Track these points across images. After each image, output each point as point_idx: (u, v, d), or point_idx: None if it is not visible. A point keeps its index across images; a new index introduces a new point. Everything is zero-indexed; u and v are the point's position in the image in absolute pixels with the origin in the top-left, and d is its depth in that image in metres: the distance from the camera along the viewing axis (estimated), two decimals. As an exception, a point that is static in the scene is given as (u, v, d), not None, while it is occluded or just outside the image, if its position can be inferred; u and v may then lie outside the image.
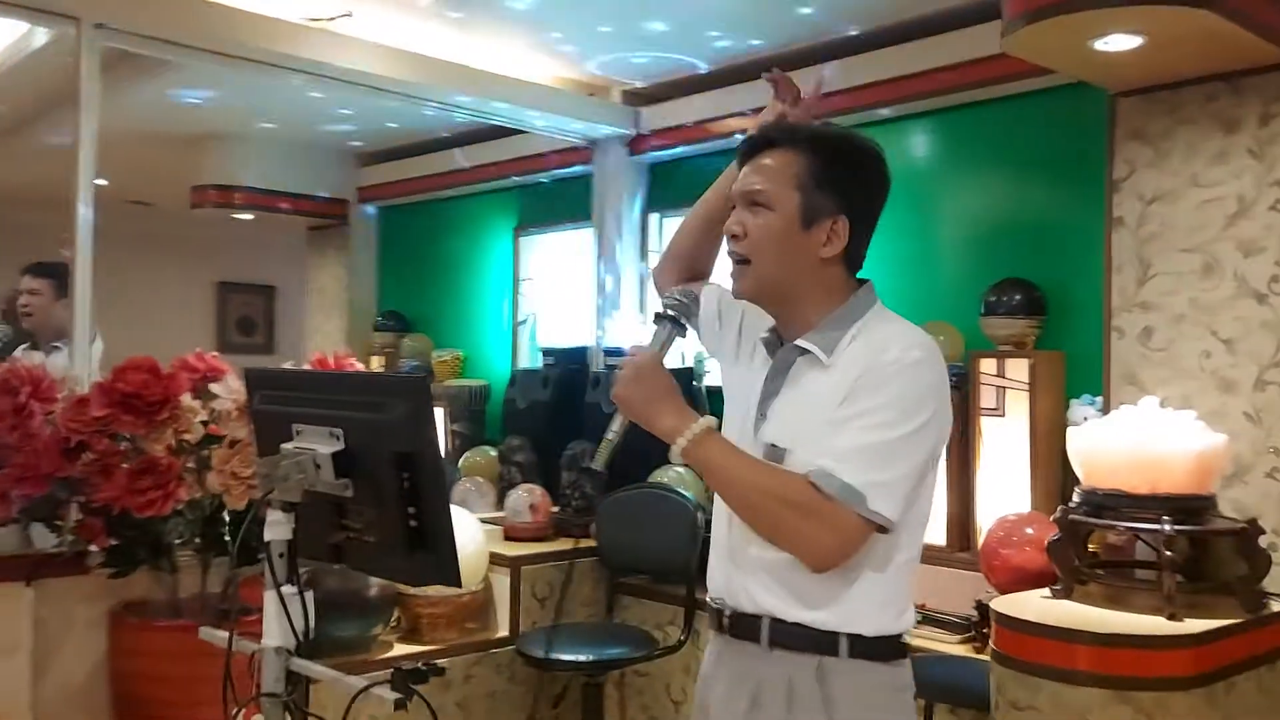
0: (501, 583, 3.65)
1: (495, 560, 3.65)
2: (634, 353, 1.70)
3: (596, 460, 1.70)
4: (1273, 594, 2.61)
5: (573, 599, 3.79)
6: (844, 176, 1.66)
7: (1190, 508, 2.55)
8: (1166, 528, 2.47)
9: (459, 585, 1.96)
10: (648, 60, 4.09)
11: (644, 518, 3.70)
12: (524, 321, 5.09)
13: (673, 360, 4.29)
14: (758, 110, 3.93)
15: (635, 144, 4.43)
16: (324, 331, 6.01)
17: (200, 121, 5.18)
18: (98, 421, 2.68)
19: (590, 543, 3.87)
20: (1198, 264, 2.85)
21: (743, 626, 1.67)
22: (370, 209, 5.91)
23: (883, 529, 1.57)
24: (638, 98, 4.42)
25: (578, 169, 4.69)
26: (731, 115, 4.12)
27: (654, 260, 4.50)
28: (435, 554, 1.81)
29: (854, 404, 1.58)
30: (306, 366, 3.21)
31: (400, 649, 3.38)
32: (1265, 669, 2.53)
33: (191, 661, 2.68)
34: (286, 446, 1.82)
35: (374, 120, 5.08)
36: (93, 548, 2.88)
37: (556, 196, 4.93)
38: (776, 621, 1.64)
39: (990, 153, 3.53)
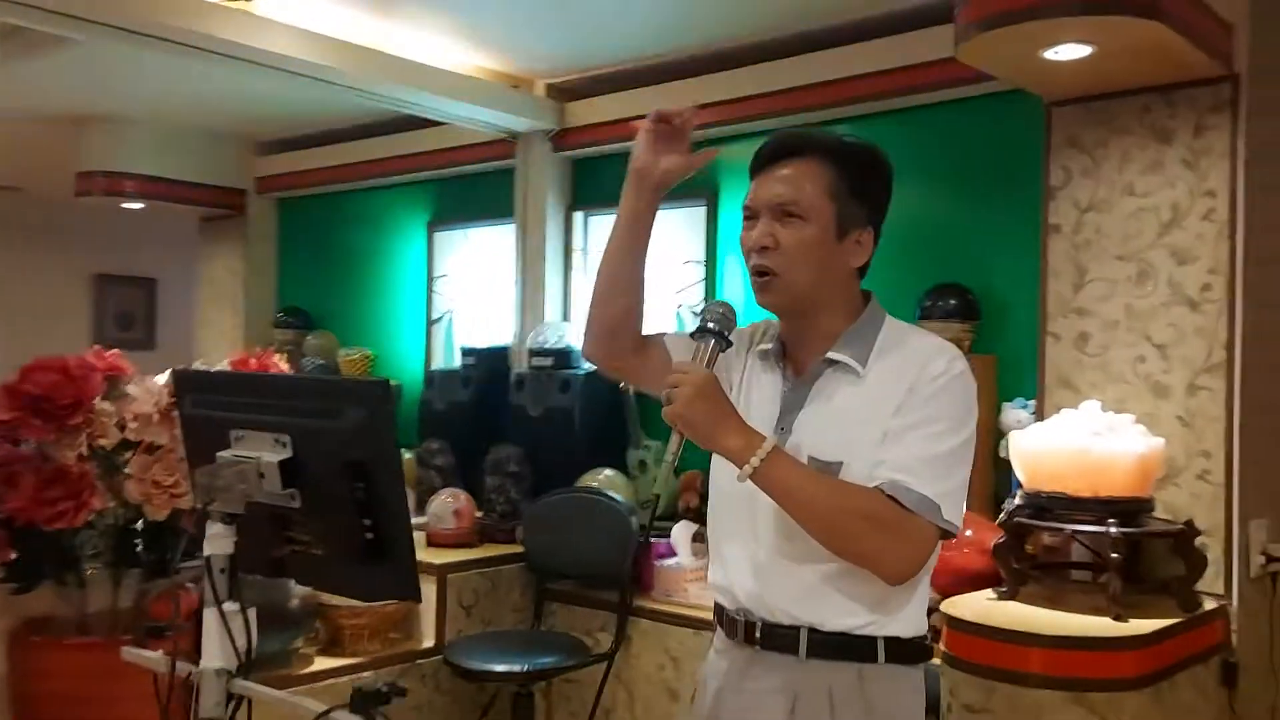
0: (427, 591, 3.51)
1: (421, 568, 3.51)
2: (680, 369, 1.61)
3: (657, 484, 1.64)
4: (1204, 593, 2.70)
5: (499, 606, 3.68)
6: (871, 187, 1.70)
7: (1130, 510, 2.61)
8: (1113, 530, 2.52)
9: (419, 599, 1.87)
10: (576, 53, 4.00)
11: (574, 522, 3.62)
12: (439, 320, 4.94)
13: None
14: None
15: (559, 139, 4.34)
16: (217, 327, 5.73)
17: (87, 103, 4.87)
18: (2, 427, 2.47)
19: (517, 548, 3.77)
20: (1132, 271, 2.91)
21: (776, 638, 1.66)
22: (269, 199, 5.66)
23: (948, 536, 1.60)
24: (562, 92, 4.32)
25: (497, 163, 4.57)
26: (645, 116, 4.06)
27: (579, 259, 4.43)
28: (393, 567, 1.74)
29: (908, 415, 1.59)
30: (225, 366, 3.02)
31: (322, 663, 3.23)
32: (1200, 667, 2.61)
33: (104, 682, 2.50)
34: (224, 454, 1.70)
35: (277, 107, 4.85)
36: (-10, 562, 2.66)
37: (474, 191, 4.80)
38: (815, 631, 1.64)
39: (924, 158, 3.55)
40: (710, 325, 1.66)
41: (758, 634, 1.68)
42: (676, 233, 4.08)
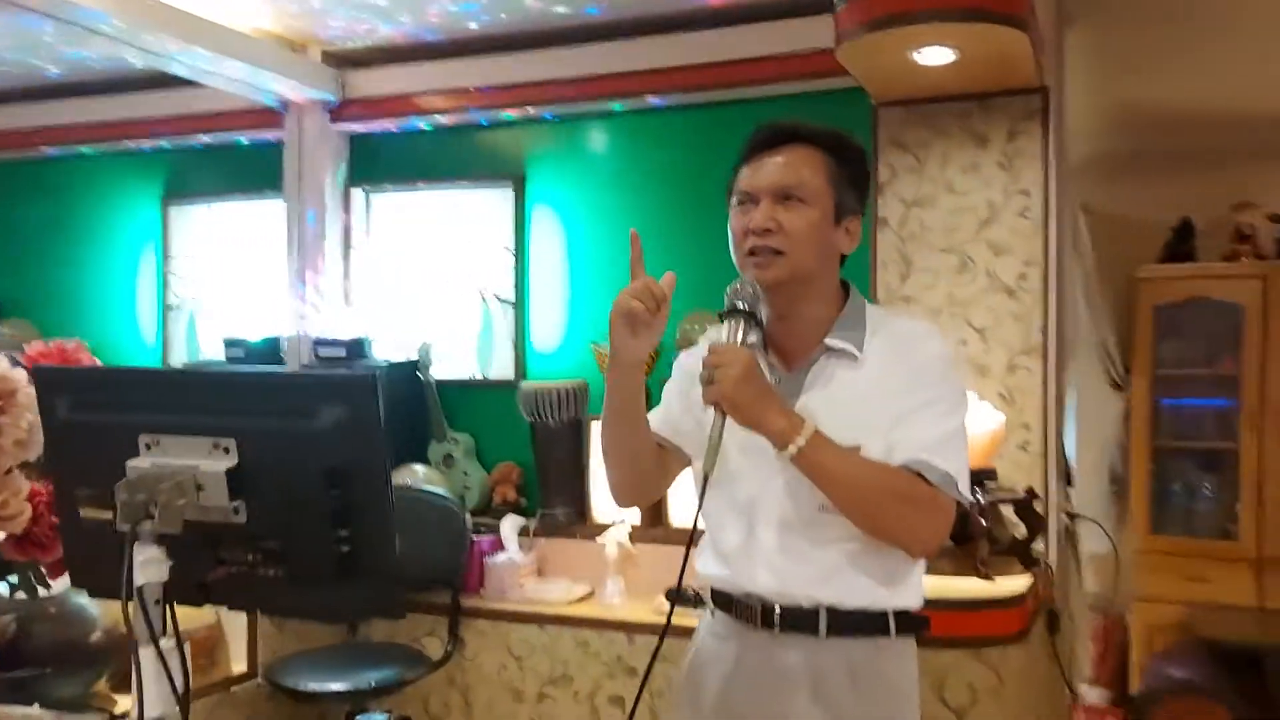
0: (233, 612, 3.12)
1: (229, 584, 3.11)
2: (719, 350, 1.58)
3: (705, 465, 1.56)
4: (1032, 551, 3.01)
5: (309, 620, 3.34)
6: (861, 178, 1.75)
7: (984, 480, 2.86)
8: (982, 499, 2.75)
9: (403, 615, 1.70)
10: (358, 19, 3.67)
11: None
12: (177, 307, 4.39)
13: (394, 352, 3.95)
14: (484, 89, 3.76)
15: (338, 112, 3.99)
16: None
17: None
18: None
19: (325, 555, 3.44)
20: (954, 262, 3.19)
21: (796, 620, 1.67)
22: (-64, 163, 4.76)
23: (962, 509, 1.68)
24: (342, 60, 3.98)
25: (253, 133, 4.14)
26: (452, 91, 3.86)
27: (360, 240, 4.13)
28: (370, 582, 1.61)
29: (916, 395, 1.65)
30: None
31: (125, 701, 2.77)
32: (1040, 618, 2.91)
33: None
34: (138, 463, 1.47)
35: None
36: None
37: (220, 162, 4.30)
38: (834, 611, 1.66)
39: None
40: (739, 305, 1.64)
41: (776, 618, 1.68)
42: (482, 216, 3.91)
